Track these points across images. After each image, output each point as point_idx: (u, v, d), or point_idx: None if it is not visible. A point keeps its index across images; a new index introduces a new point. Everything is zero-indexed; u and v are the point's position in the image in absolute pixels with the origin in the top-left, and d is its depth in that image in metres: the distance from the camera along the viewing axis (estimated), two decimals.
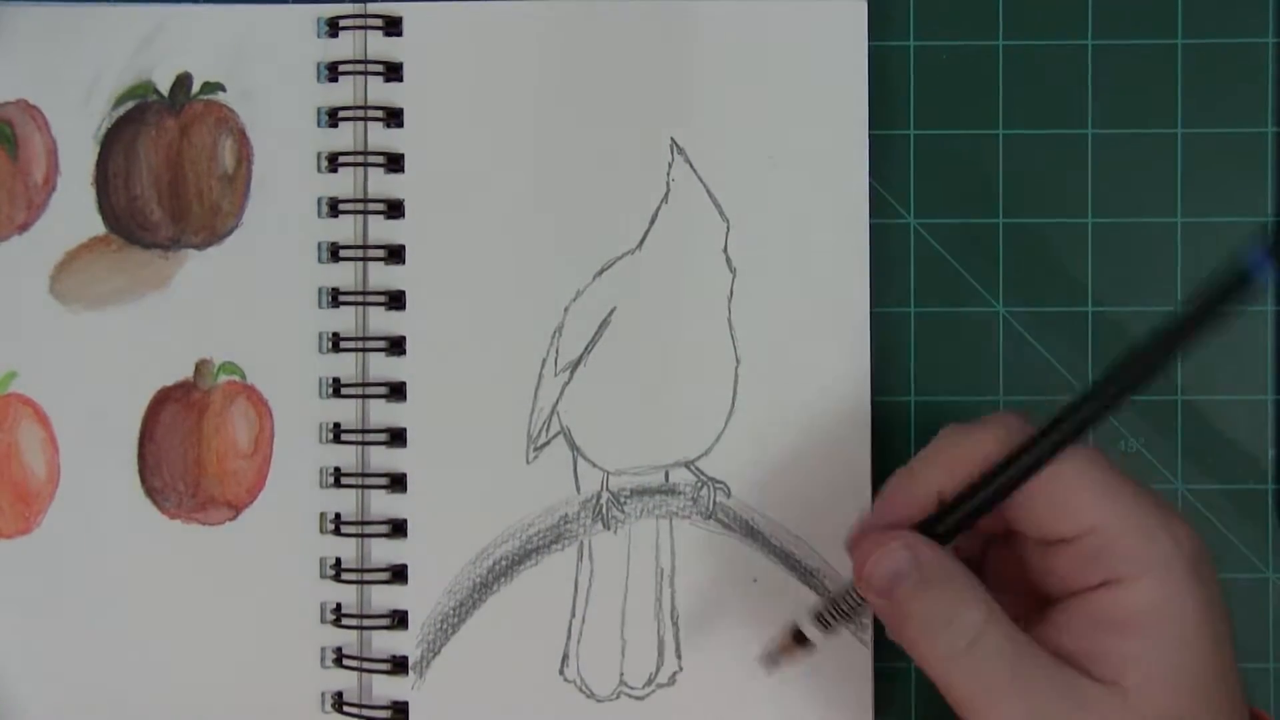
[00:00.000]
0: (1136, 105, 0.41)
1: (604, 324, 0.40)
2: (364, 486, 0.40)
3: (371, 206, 0.41)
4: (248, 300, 0.41)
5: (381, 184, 0.41)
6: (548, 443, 0.40)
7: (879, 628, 0.40)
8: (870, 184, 0.40)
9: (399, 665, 0.40)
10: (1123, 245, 0.41)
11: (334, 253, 0.41)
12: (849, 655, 0.40)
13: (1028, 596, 0.33)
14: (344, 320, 0.41)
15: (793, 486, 0.40)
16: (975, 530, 0.33)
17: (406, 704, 0.40)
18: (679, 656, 0.40)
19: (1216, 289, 0.29)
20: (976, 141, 0.41)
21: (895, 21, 0.41)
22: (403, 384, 0.40)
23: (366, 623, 0.40)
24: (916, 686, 0.41)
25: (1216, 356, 0.41)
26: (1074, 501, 0.31)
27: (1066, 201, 0.41)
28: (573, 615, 0.40)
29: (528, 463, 0.40)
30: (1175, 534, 0.30)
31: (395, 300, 0.40)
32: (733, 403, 0.40)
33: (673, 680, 0.40)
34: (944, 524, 0.32)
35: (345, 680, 0.40)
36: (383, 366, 0.41)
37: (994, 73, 0.41)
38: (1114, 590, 0.30)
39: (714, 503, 0.40)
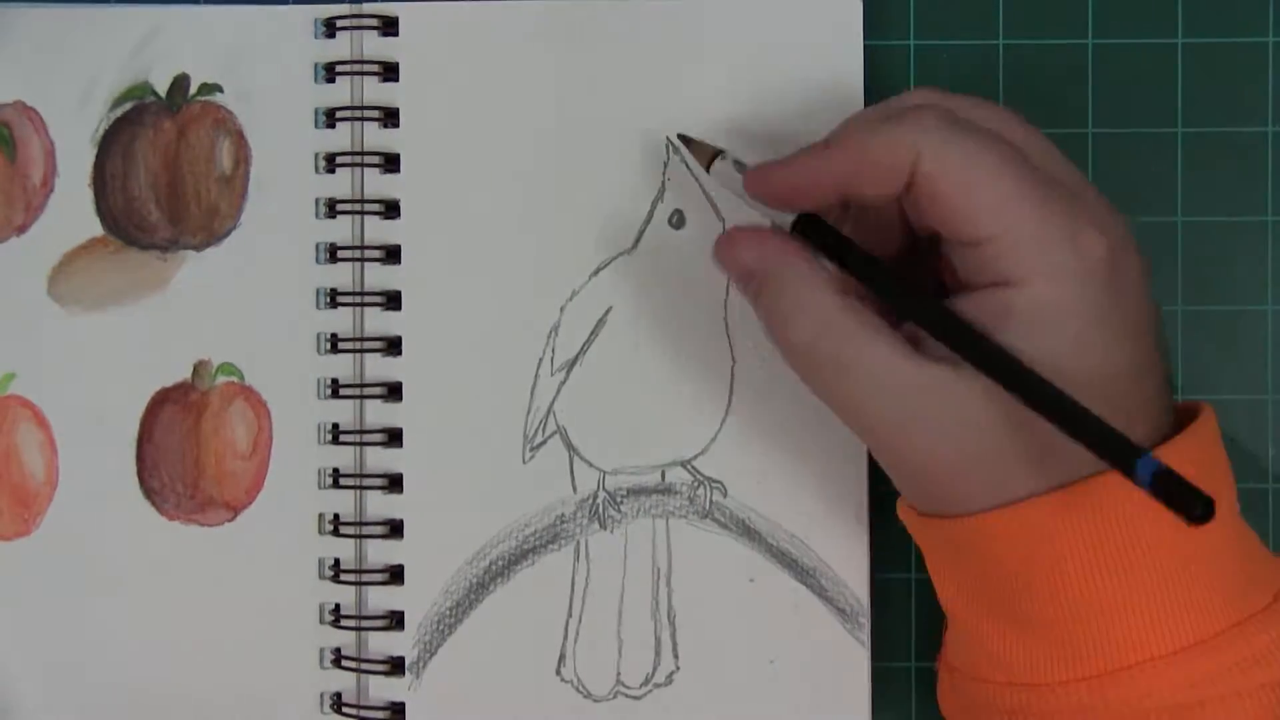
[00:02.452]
0: (1137, 105, 0.41)
1: (600, 323, 0.40)
2: (362, 487, 0.41)
3: (368, 207, 0.41)
4: (246, 301, 0.41)
5: (378, 184, 0.41)
6: (544, 442, 0.40)
7: (878, 628, 0.40)
8: None
9: (396, 666, 0.40)
10: None
11: (332, 253, 0.41)
12: (847, 655, 0.40)
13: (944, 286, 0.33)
14: (342, 321, 0.41)
15: (789, 486, 0.40)
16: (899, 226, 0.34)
17: (404, 705, 0.40)
18: (676, 656, 0.40)
19: (1094, 432, 0.29)
20: None
21: (894, 21, 0.41)
22: (399, 384, 0.40)
23: (364, 624, 0.40)
24: (916, 686, 0.41)
25: (1217, 356, 0.41)
26: (978, 205, 0.31)
27: None
28: (569, 615, 0.40)
29: (524, 462, 0.40)
30: (1078, 242, 0.30)
31: (392, 300, 0.40)
32: (729, 402, 0.40)
33: (670, 680, 0.40)
34: (820, 235, 0.33)
35: (344, 681, 0.41)
36: (379, 367, 0.41)
37: (995, 73, 0.41)
38: (1002, 290, 0.31)
39: (710, 502, 0.40)
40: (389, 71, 0.41)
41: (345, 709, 0.40)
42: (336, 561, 0.41)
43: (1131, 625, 0.31)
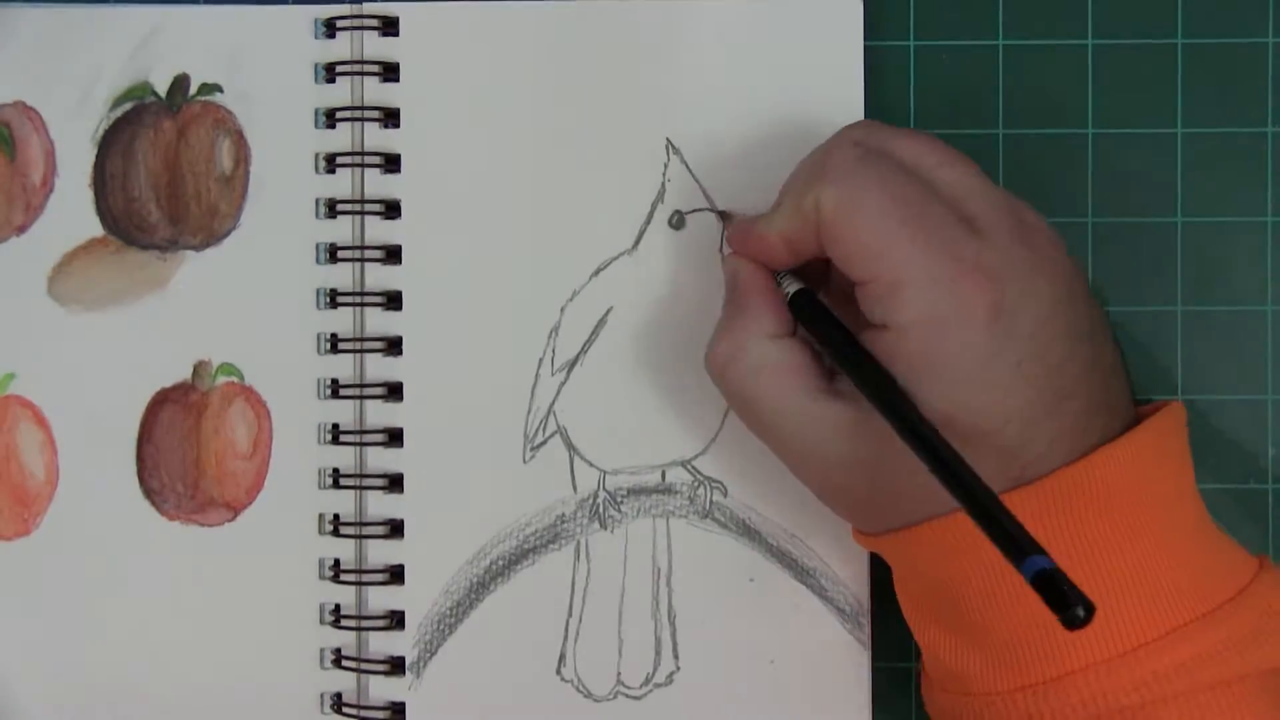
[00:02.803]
0: (1136, 105, 0.41)
1: (600, 323, 0.40)
2: (362, 487, 0.41)
3: (368, 207, 0.41)
4: (246, 301, 0.41)
5: (378, 184, 0.41)
6: (544, 442, 0.40)
7: (878, 628, 0.40)
8: None
9: (396, 666, 0.40)
10: (1123, 244, 0.41)
11: (332, 253, 0.41)
12: (847, 655, 0.40)
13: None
14: (342, 321, 0.41)
15: (790, 486, 0.40)
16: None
17: (404, 705, 0.40)
18: (676, 656, 0.40)
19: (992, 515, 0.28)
20: (977, 142, 0.41)
21: (894, 21, 0.41)
22: (400, 384, 0.40)
23: (364, 623, 0.40)
24: (916, 686, 0.41)
25: (1217, 356, 0.41)
26: (862, 248, 0.32)
27: (1066, 201, 0.40)
28: (570, 615, 0.40)
29: (524, 462, 0.40)
30: (959, 289, 0.31)
31: (392, 301, 0.40)
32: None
33: (670, 680, 0.40)
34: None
35: (344, 681, 0.41)
36: (380, 367, 0.41)
37: (994, 73, 0.41)
38: (887, 333, 0.32)
39: (711, 502, 0.40)
40: (389, 72, 0.41)
41: (345, 709, 0.40)
42: (337, 561, 0.41)
43: (1073, 632, 0.31)
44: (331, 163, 0.41)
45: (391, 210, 0.41)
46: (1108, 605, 0.30)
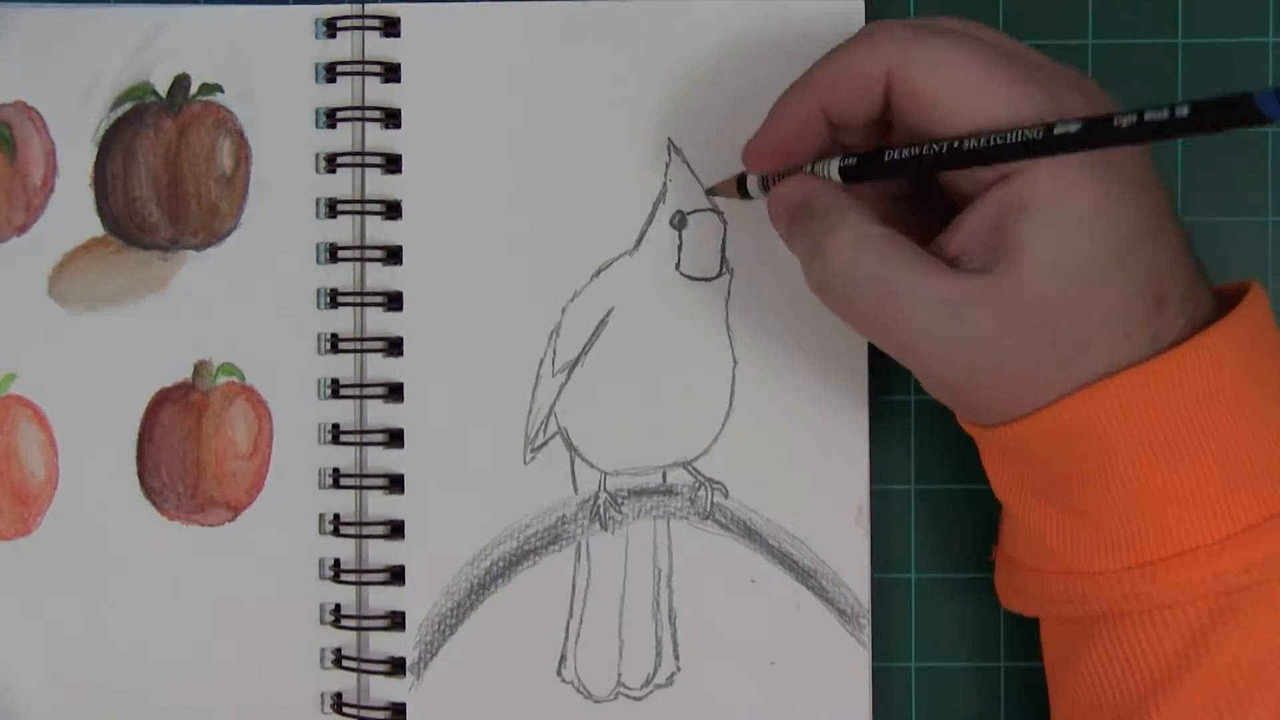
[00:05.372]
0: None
1: (601, 324, 0.40)
2: (362, 487, 0.40)
3: (369, 207, 0.41)
4: (246, 301, 0.41)
5: (379, 185, 0.41)
6: (545, 443, 0.40)
7: (878, 628, 0.40)
8: None
9: (397, 666, 0.40)
10: None
11: (332, 254, 0.41)
12: (848, 656, 0.40)
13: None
14: (342, 321, 0.41)
15: (790, 487, 0.40)
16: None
17: (404, 705, 0.40)
18: (677, 657, 0.40)
19: (1220, 107, 0.27)
20: None
21: None
22: (400, 385, 0.40)
23: (365, 624, 0.40)
24: (916, 687, 0.41)
25: None
26: (959, 95, 0.31)
27: None
28: (570, 616, 0.40)
29: (525, 463, 0.40)
30: (1066, 110, 0.30)
31: (393, 301, 0.40)
32: (730, 403, 0.40)
33: (670, 681, 0.40)
34: (848, 163, 0.33)
35: (345, 681, 0.41)
36: (380, 367, 0.41)
37: None
38: (1007, 184, 0.31)
39: (711, 503, 0.40)
40: (390, 72, 0.41)
41: (346, 709, 0.40)
42: (337, 562, 0.41)
43: (1183, 512, 0.31)
44: (332, 163, 0.41)
45: (392, 210, 0.41)
46: (1216, 488, 0.31)
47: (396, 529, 0.40)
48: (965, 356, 0.32)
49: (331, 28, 0.41)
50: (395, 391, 0.40)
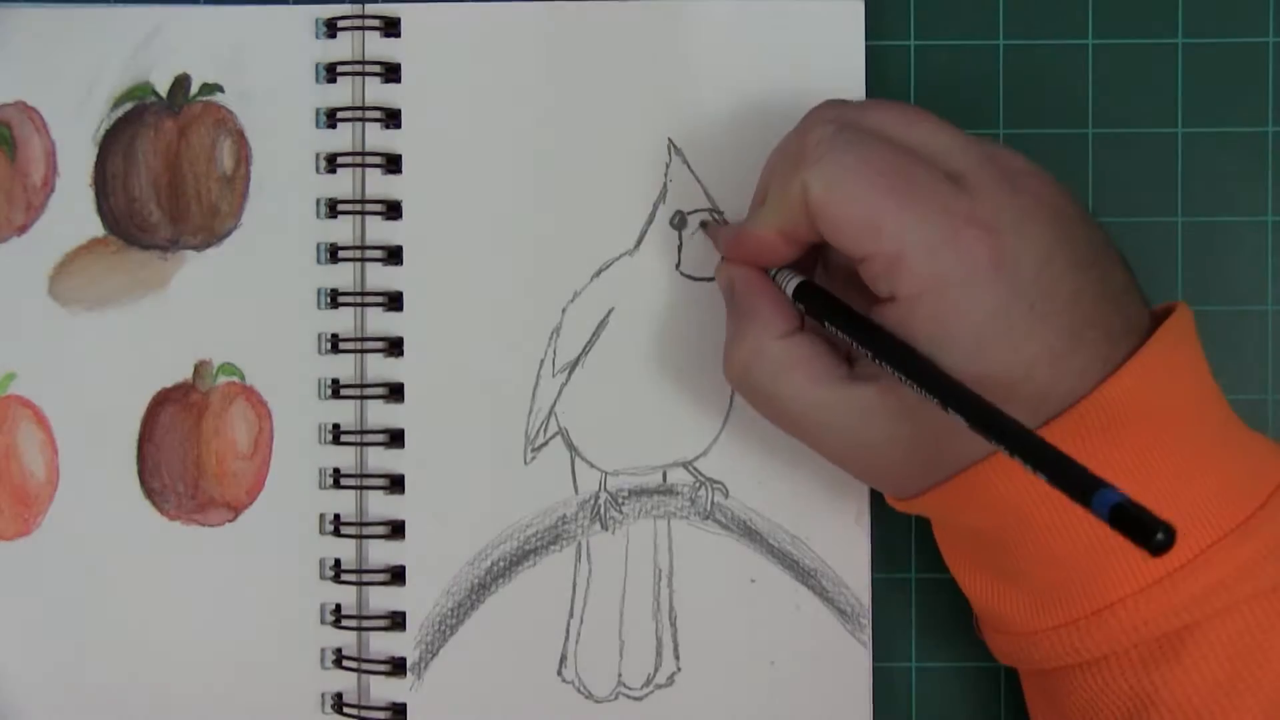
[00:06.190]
0: (1136, 105, 0.41)
1: (602, 324, 0.40)
2: (363, 488, 0.40)
3: (369, 207, 0.41)
4: (247, 301, 0.41)
5: (379, 185, 0.41)
6: (546, 443, 0.40)
7: (878, 628, 0.40)
8: None
9: (397, 666, 0.40)
10: (1123, 245, 0.40)
11: (332, 253, 0.41)
12: (848, 655, 0.40)
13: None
14: (343, 321, 0.41)
15: (790, 487, 0.40)
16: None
17: (405, 705, 0.40)
18: (677, 657, 0.40)
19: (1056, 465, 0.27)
20: None
21: (895, 21, 0.41)
22: (400, 385, 0.40)
23: (365, 624, 0.40)
24: (916, 687, 0.41)
25: (1217, 356, 0.40)
26: (856, 222, 0.31)
27: None
28: (571, 616, 0.40)
29: (526, 463, 0.40)
30: (958, 245, 0.30)
31: (393, 301, 0.40)
32: (730, 403, 0.40)
33: (671, 681, 0.40)
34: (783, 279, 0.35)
35: (345, 681, 0.40)
36: (381, 367, 0.41)
37: (994, 73, 0.41)
38: (896, 305, 0.31)
39: (712, 503, 0.40)
40: (391, 72, 0.41)
41: (346, 709, 0.40)
42: (337, 562, 0.41)
43: (1108, 563, 0.31)
44: (332, 163, 0.41)
45: (392, 211, 0.41)
46: None
47: (397, 529, 0.40)
48: (859, 457, 0.34)
49: (331, 28, 0.41)
50: (395, 391, 0.40)
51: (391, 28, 0.41)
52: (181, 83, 0.41)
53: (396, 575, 0.40)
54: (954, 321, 0.31)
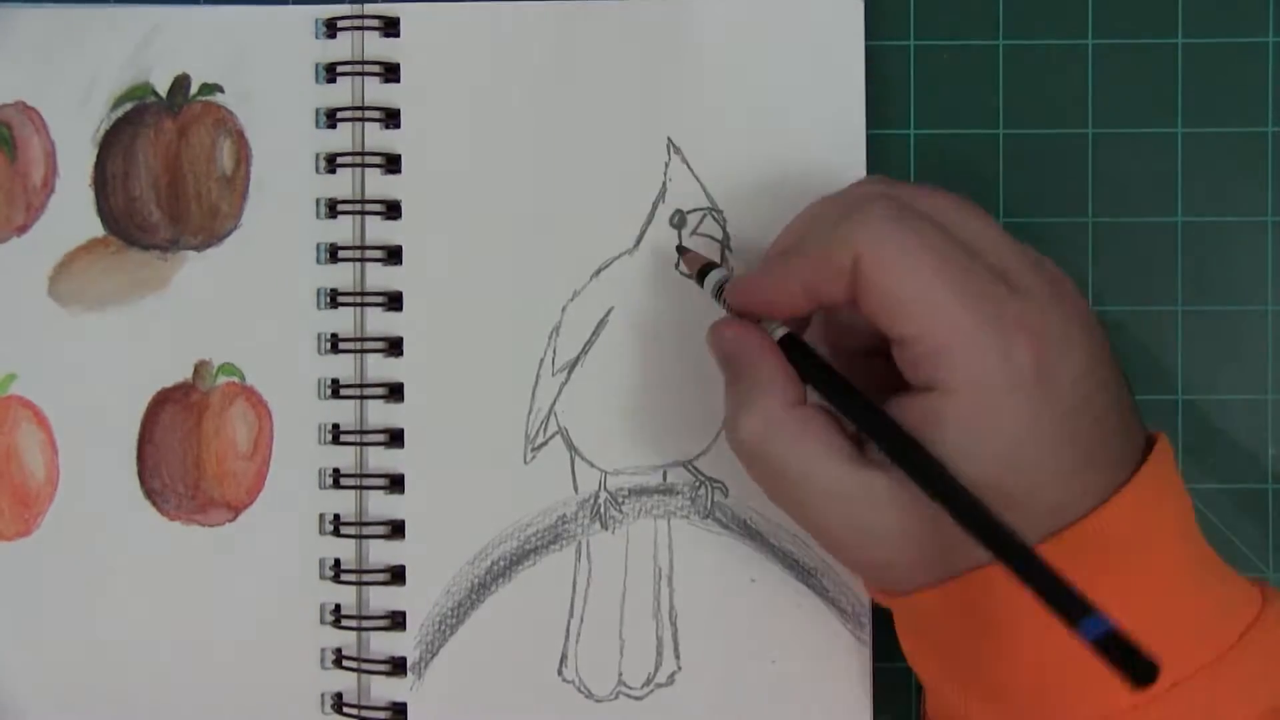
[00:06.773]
0: (1136, 105, 0.41)
1: (601, 324, 0.40)
2: (362, 487, 0.41)
3: (369, 207, 0.41)
4: (246, 301, 0.41)
5: (379, 185, 0.41)
6: (545, 443, 0.40)
7: (878, 628, 0.40)
8: None
9: (398, 666, 0.40)
10: (1123, 245, 0.41)
11: (332, 254, 0.41)
12: (848, 655, 0.40)
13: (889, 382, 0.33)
14: (342, 321, 0.41)
15: None
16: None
17: (405, 705, 0.40)
18: (677, 656, 0.40)
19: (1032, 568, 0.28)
20: (976, 142, 0.41)
21: (894, 21, 0.41)
22: (400, 385, 0.40)
23: (365, 624, 0.40)
24: (916, 686, 0.41)
25: (1217, 356, 0.41)
26: (911, 304, 0.31)
27: (1066, 201, 0.41)
28: (571, 615, 0.40)
29: (525, 463, 0.40)
30: (1007, 351, 0.30)
31: (393, 301, 0.40)
32: None
33: (671, 680, 0.40)
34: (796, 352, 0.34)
35: (345, 681, 0.41)
36: (380, 367, 0.41)
37: (994, 73, 0.41)
38: (933, 395, 0.31)
39: (712, 502, 0.40)
40: (390, 72, 0.41)
41: (346, 709, 0.40)
42: (337, 562, 0.41)
43: (1087, 684, 0.31)
44: (332, 163, 0.41)
45: (392, 211, 0.41)
46: None
47: (397, 529, 0.40)
48: (860, 544, 0.33)
49: (331, 28, 0.41)
50: (395, 391, 0.40)
51: (391, 28, 0.41)
52: (181, 83, 0.41)
53: (396, 575, 0.40)
54: (988, 425, 0.30)
